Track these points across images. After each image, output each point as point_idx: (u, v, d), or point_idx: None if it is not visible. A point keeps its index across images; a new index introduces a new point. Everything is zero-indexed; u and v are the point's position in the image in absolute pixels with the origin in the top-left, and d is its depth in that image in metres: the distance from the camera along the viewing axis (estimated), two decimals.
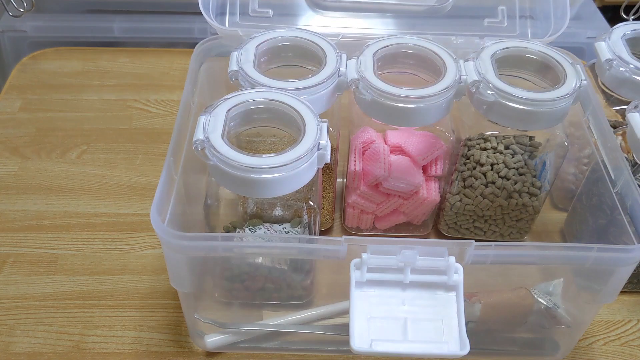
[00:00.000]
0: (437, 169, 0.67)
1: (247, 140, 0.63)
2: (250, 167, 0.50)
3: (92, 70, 0.97)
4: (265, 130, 0.58)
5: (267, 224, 0.60)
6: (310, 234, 0.61)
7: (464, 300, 0.56)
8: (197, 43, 0.68)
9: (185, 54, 1.01)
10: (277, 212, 0.61)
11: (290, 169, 0.51)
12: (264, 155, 0.51)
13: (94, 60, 0.99)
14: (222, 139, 0.51)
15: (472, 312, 0.60)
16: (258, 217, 0.62)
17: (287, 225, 0.61)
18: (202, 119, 0.53)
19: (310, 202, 0.60)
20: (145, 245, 0.72)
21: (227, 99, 0.55)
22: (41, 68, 0.97)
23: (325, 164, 0.54)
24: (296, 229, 0.60)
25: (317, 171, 0.55)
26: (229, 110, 0.54)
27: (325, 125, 0.54)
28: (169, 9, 1.05)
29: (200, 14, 0.68)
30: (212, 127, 0.52)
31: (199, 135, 0.51)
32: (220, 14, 0.72)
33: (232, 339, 0.62)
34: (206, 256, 0.57)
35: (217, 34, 0.69)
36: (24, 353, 0.62)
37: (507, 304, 0.61)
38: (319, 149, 0.52)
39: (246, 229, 0.60)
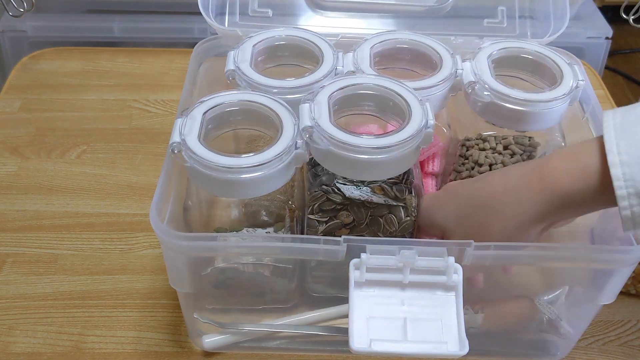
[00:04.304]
0: (434, 166, 0.67)
1: (248, 141, 0.63)
2: (227, 167, 0.50)
3: (92, 70, 0.97)
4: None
5: (250, 229, 0.60)
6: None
7: (467, 309, 0.56)
8: (196, 43, 0.68)
9: (185, 54, 1.01)
10: (262, 215, 0.61)
11: (267, 168, 0.50)
12: (240, 155, 0.50)
13: (93, 60, 0.99)
14: (199, 141, 0.51)
15: (474, 320, 0.60)
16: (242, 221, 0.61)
17: (270, 230, 0.60)
18: (179, 121, 0.53)
19: (291, 203, 0.59)
20: (145, 245, 0.72)
21: (203, 101, 0.55)
22: (41, 68, 0.97)
23: None
24: (280, 232, 0.60)
25: (296, 171, 0.54)
26: (205, 112, 0.54)
27: None
28: (169, 9, 1.05)
29: (200, 14, 0.69)
30: (188, 129, 0.52)
31: (175, 138, 0.51)
32: (220, 13, 0.72)
33: (229, 340, 0.62)
34: (196, 262, 0.57)
35: (217, 34, 0.69)
36: (24, 353, 0.62)
37: (510, 314, 0.62)
38: (296, 147, 0.52)
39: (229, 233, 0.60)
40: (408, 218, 0.56)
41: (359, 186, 0.56)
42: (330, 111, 0.53)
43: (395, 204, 0.56)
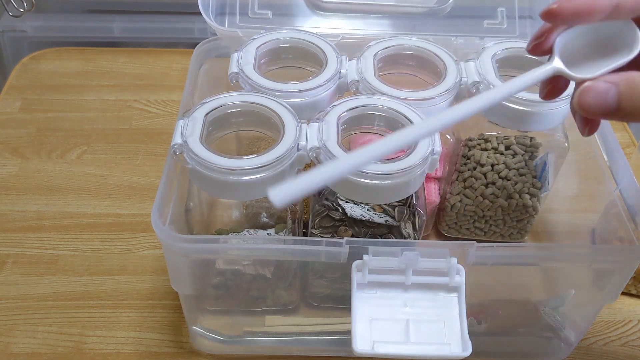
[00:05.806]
0: (437, 171, 0.67)
1: (249, 143, 0.63)
2: (228, 169, 0.49)
3: (92, 71, 0.97)
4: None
5: (251, 230, 0.60)
6: None
7: (471, 320, 0.56)
8: (197, 43, 0.68)
9: (185, 54, 1.01)
10: (263, 217, 0.61)
11: (269, 170, 0.50)
12: (242, 157, 0.50)
13: (93, 60, 0.99)
14: (200, 142, 0.51)
15: (477, 329, 0.60)
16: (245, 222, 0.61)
17: (271, 231, 0.60)
18: (180, 123, 0.53)
19: (292, 205, 0.59)
20: (146, 246, 0.72)
21: (205, 102, 0.55)
22: (41, 68, 0.97)
23: None
24: (280, 234, 0.60)
25: (298, 173, 0.54)
26: (207, 114, 0.54)
27: (304, 126, 0.53)
28: (169, 9, 1.05)
29: (200, 14, 0.68)
30: (190, 131, 0.52)
31: (177, 139, 0.51)
32: (220, 14, 0.72)
33: None
34: (198, 264, 0.57)
35: (217, 35, 0.69)
36: (24, 353, 0.62)
37: (514, 322, 0.62)
38: (298, 149, 0.52)
39: (230, 235, 0.60)
40: (408, 239, 0.56)
41: (360, 204, 0.56)
42: (338, 133, 0.53)
43: (395, 224, 0.56)
